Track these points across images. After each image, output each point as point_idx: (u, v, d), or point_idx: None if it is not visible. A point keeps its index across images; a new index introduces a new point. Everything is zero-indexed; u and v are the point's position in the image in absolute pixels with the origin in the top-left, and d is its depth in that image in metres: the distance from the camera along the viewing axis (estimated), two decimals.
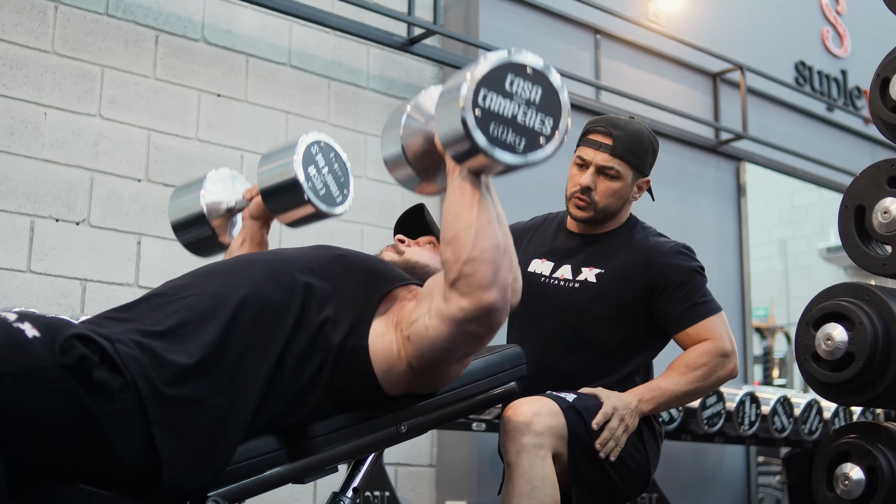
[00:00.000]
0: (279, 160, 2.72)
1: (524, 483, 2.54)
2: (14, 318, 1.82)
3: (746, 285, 6.74)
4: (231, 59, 4.86)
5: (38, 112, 4.26)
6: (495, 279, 2.04)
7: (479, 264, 2.03)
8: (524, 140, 1.99)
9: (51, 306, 4.13)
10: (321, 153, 2.74)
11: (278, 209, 2.75)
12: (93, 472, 1.90)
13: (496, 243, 2.06)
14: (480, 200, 2.07)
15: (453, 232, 2.06)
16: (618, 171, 3.03)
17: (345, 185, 2.81)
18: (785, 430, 5.29)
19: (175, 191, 3.07)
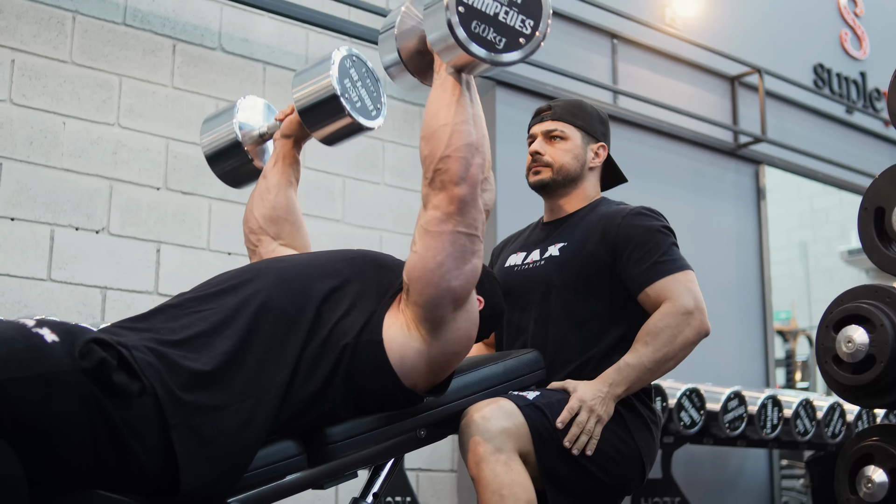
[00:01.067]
0: (316, 76, 2.72)
1: (491, 495, 2.41)
2: (33, 323, 1.83)
3: (767, 289, 6.71)
4: (248, 67, 4.87)
5: (58, 122, 4.29)
6: (465, 175, 2.17)
7: (452, 161, 2.16)
8: (504, 39, 2.09)
9: (71, 314, 4.14)
10: (354, 67, 2.75)
11: (315, 124, 2.75)
12: (111, 478, 1.90)
13: (469, 142, 2.17)
14: (459, 99, 2.17)
15: (431, 130, 2.19)
16: (562, 131, 3.03)
17: (378, 99, 2.82)
18: (808, 434, 5.26)
19: (205, 121, 3.06)
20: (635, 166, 6.10)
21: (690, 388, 4.83)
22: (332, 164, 5.06)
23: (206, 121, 3.07)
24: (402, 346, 2.23)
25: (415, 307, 2.23)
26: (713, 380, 5.41)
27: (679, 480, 5.18)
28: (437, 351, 2.28)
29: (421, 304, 2.22)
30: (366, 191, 5.18)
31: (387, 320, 2.25)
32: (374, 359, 2.21)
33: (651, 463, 2.79)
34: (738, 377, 6.04)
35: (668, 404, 4.74)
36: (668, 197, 6.30)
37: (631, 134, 6.16)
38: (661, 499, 5.01)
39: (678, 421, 4.76)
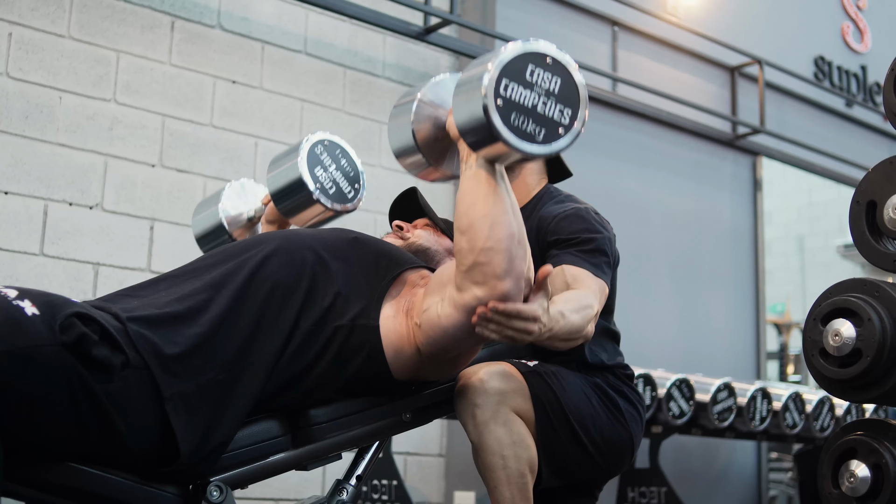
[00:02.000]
0: (284, 164, 2.76)
1: (492, 456, 2.41)
2: (14, 294, 1.83)
3: (761, 281, 6.71)
4: (247, 45, 4.86)
5: (54, 96, 4.27)
6: (510, 268, 2.06)
7: (495, 254, 2.05)
8: (544, 130, 2.01)
9: (63, 290, 4.13)
10: (326, 151, 2.76)
11: (290, 211, 2.79)
12: (95, 452, 1.91)
13: (511, 233, 2.07)
14: (496, 189, 2.08)
15: (469, 221, 2.08)
16: None
17: (355, 180, 2.82)
18: (796, 427, 5.27)
19: (196, 206, 3.15)
20: (633, 154, 6.11)
21: (680, 378, 4.84)
22: None
23: (197, 205, 3.17)
24: (397, 345, 2.23)
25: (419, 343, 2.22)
26: (704, 370, 5.42)
27: (667, 470, 5.19)
28: (432, 370, 2.30)
29: (425, 351, 2.22)
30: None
31: (385, 310, 2.24)
32: (368, 345, 2.21)
33: (638, 447, 2.81)
34: (729, 369, 6.05)
35: (658, 394, 4.74)
36: (666, 186, 6.30)
37: (629, 122, 6.15)
38: (648, 488, 5.02)
39: (667, 411, 4.77)
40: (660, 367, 5.04)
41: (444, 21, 5.21)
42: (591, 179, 5.69)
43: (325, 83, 5.11)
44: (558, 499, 2.76)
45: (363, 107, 5.22)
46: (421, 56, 5.48)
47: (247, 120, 4.81)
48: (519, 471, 2.41)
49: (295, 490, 4.66)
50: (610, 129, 6.02)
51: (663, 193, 6.29)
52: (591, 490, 2.83)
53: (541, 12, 5.77)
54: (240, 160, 4.76)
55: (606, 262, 2.68)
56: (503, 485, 2.40)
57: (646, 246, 6.09)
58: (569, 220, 2.75)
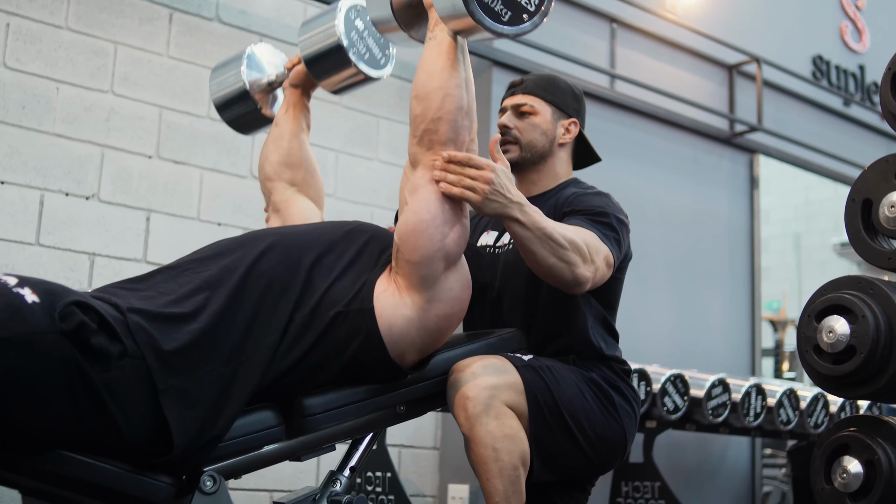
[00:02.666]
0: (320, 26, 2.75)
1: (484, 449, 2.39)
2: (14, 282, 1.83)
3: (757, 278, 6.72)
4: (245, 38, 4.85)
5: (51, 87, 4.27)
6: (455, 137, 2.29)
7: (443, 123, 2.27)
8: (510, 13, 2.15)
9: (58, 280, 4.09)
10: (360, 17, 2.77)
11: (323, 75, 2.81)
12: (91, 441, 1.91)
13: (460, 105, 2.27)
14: (454, 62, 2.26)
15: (424, 90, 2.27)
16: (531, 105, 2.96)
17: (385, 46, 2.85)
18: (790, 423, 5.28)
19: (214, 68, 3.12)
20: (630, 151, 6.11)
21: (675, 373, 4.85)
22: (326, 138, 5.05)
23: (214, 69, 3.12)
24: (392, 313, 2.24)
25: (406, 266, 2.25)
26: (699, 366, 5.42)
27: (661, 465, 5.19)
28: (429, 316, 2.29)
29: (414, 261, 2.24)
30: (359, 166, 5.18)
31: (378, 287, 2.28)
32: (363, 327, 2.22)
33: (631, 443, 2.81)
34: (724, 365, 6.06)
35: (652, 389, 4.75)
36: (663, 183, 6.30)
37: (627, 119, 6.15)
38: (642, 483, 5.03)
39: (661, 406, 4.77)
40: (655, 363, 5.05)
41: None
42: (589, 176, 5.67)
43: None
44: (551, 492, 2.76)
45: (361, 100, 5.21)
46: (419, 51, 5.46)
47: None
48: (511, 463, 2.41)
49: (289, 481, 4.66)
50: (608, 125, 6.02)
51: (660, 190, 6.29)
52: (583, 484, 2.83)
53: None
54: (237, 152, 4.76)
55: (616, 239, 2.70)
56: (495, 477, 2.40)
57: (642, 242, 6.07)
58: (588, 197, 2.82)
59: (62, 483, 1.93)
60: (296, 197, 2.90)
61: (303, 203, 2.92)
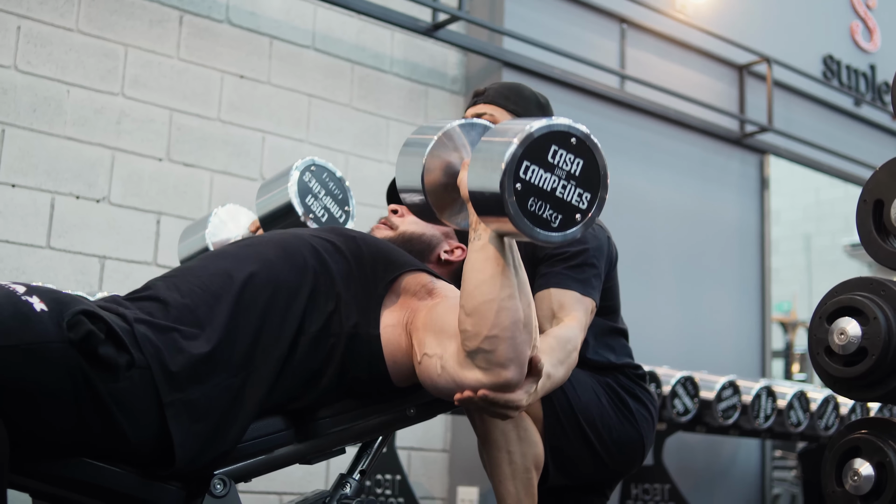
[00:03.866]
0: (274, 190, 2.76)
1: (498, 452, 2.40)
2: (23, 290, 1.83)
3: (767, 279, 6.70)
4: (255, 40, 4.86)
5: (62, 90, 4.28)
6: (514, 356, 1.98)
7: (500, 342, 1.96)
8: (560, 217, 1.90)
9: (69, 283, 4.15)
10: (314, 178, 2.77)
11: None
12: (97, 449, 1.91)
13: (516, 319, 1.98)
14: (504, 269, 1.98)
15: (474, 305, 1.98)
16: (491, 115, 2.81)
17: (345, 202, 2.84)
18: (801, 425, 5.26)
19: (183, 232, 3.16)
20: (640, 152, 6.11)
21: (685, 375, 4.83)
22: (336, 140, 5.06)
23: (184, 229, 3.19)
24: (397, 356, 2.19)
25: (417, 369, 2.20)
26: (709, 368, 5.41)
27: (670, 467, 5.19)
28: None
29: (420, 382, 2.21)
30: (369, 168, 5.18)
31: (384, 318, 2.21)
32: (368, 353, 2.19)
33: (650, 447, 2.80)
34: (733, 366, 6.04)
35: (662, 391, 4.74)
36: (672, 184, 6.30)
37: (637, 119, 6.14)
38: (652, 485, 5.02)
39: (671, 408, 4.76)
40: (664, 364, 5.04)
41: (453, 17, 5.21)
42: None
43: (333, 79, 5.11)
44: (568, 497, 2.76)
45: (371, 102, 5.22)
46: (429, 52, 5.48)
47: (254, 115, 4.82)
48: (524, 466, 2.41)
49: (299, 484, 4.66)
50: (617, 126, 6.02)
51: (670, 191, 6.28)
52: (602, 490, 2.82)
53: (549, 9, 5.77)
54: (247, 155, 4.76)
55: (596, 274, 2.64)
56: (508, 480, 2.41)
57: (651, 243, 6.09)
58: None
59: (71, 486, 1.93)
60: None
61: None
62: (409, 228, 2.58)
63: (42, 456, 1.86)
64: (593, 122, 5.90)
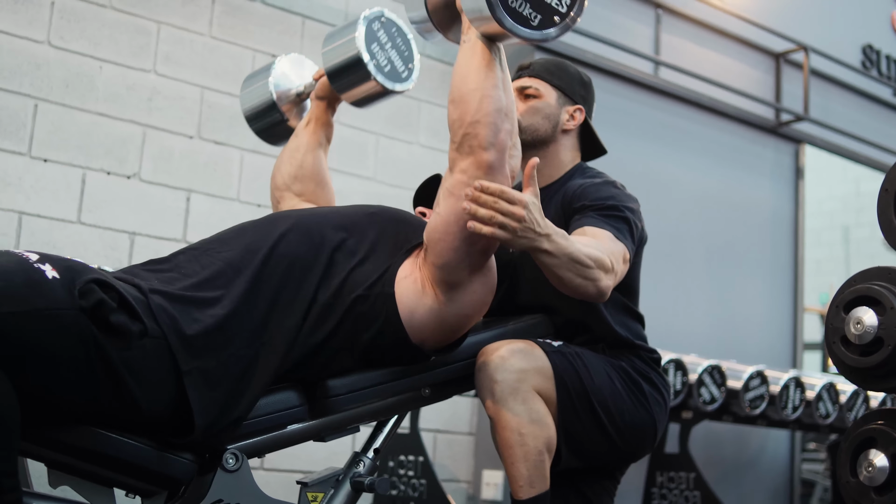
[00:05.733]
0: (341, 38, 2.76)
1: (510, 433, 2.40)
2: (35, 258, 1.85)
3: (800, 269, 6.64)
4: (287, 20, 4.87)
5: (94, 66, 4.31)
6: (494, 140, 2.17)
7: (481, 126, 2.16)
8: (539, 16, 2.08)
9: (98, 258, 4.18)
10: (383, 29, 2.77)
11: (344, 88, 2.81)
12: (111, 418, 1.93)
13: (499, 107, 2.17)
14: (489, 63, 2.16)
15: (460, 94, 2.18)
16: (536, 88, 2.87)
17: (409, 59, 2.84)
18: (829, 417, 5.22)
19: (245, 79, 3.13)
20: (674, 139, 6.07)
21: (712, 364, 4.81)
22: (367, 121, 5.05)
23: (245, 80, 3.14)
24: (413, 301, 2.24)
25: (432, 268, 2.24)
26: (738, 357, 5.38)
27: (698, 456, 5.16)
28: (450, 312, 2.29)
29: (439, 266, 2.23)
30: (399, 150, 5.18)
31: (400, 273, 2.27)
32: (383, 311, 2.22)
33: (661, 432, 2.79)
34: (764, 356, 6.00)
35: (689, 379, 4.71)
36: (706, 171, 6.25)
37: (671, 106, 6.10)
38: (677, 473, 5.00)
39: (697, 396, 4.74)
40: (693, 352, 5.01)
41: None
42: (630, 162, 5.66)
43: None
44: (578, 479, 2.75)
45: None
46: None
47: None
48: (536, 448, 2.41)
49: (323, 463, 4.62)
50: (651, 112, 5.98)
51: (703, 178, 6.24)
52: (612, 472, 2.82)
53: None
54: None
55: (630, 231, 2.63)
56: (519, 461, 2.40)
57: (683, 231, 6.05)
58: (595, 188, 2.73)
59: (86, 457, 1.95)
60: (304, 206, 2.89)
61: None
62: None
63: (54, 424, 1.88)
64: (626, 108, 5.90)
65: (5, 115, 4.08)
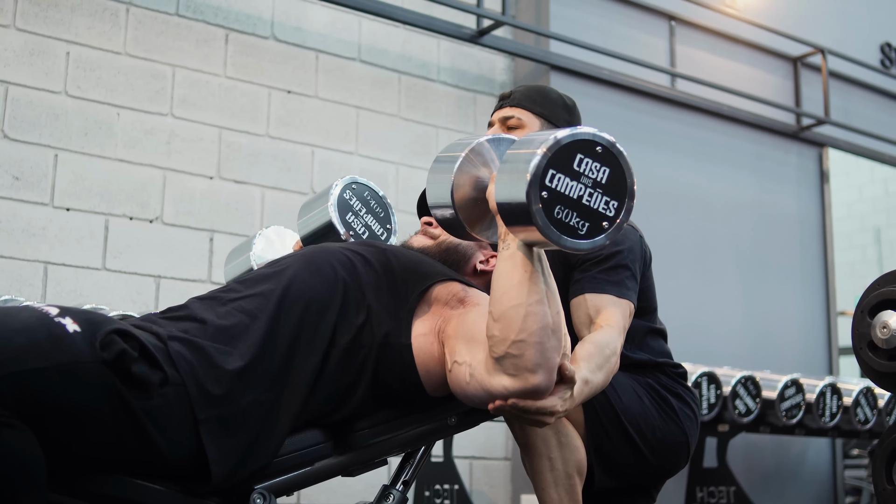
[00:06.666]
0: (315, 209, 2.77)
1: (540, 459, 2.38)
2: (56, 312, 1.86)
3: (831, 273, 6.58)
4: (301, 55, 4.90)
5: (112, 113, 4.35)
6: (542, 362, 1.97)
7: (527, 347, 1.96)
8: (587, 224, 1.90)
9: (125, 303, 4.20)
10: (355, 196, 2.77)
11: None
12: (136, 466, 1.93)
13: (545, 324, 1.97)
14: (532, 275, 1.98)
15: (501, 310, 1.98)
16: (518, 118, 2.78)
17: (386, 220, 2.83)
18: (868, 422, 5.15)
19: (228, 255, 3.20)
20: (695, 150, 6.04)
21: (745, 375, 4.76)
22: (386, 151, 5.07)
23: (228, 255, 3.21)
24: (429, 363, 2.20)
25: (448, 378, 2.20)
26: (774, 366, 5.33)
27: (738, 468, 5.11)
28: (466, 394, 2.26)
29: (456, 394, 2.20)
30: (419, 178, 5.18)
31: (416, 328, 2.22)
32: (401, 363, 2.19)
33: (694, 446, 2.76)
34: (799, 364, 5.94)
35: (723, 392, 4.67)
36: (729, 180, 6.22)
37: (689, 118, 6.07)
38: (717, 487, 4.95)
39: (732, 409, 4.69)
40: (726, 364, 4.97)
41: (498, 23, 5.20)
42: (654, 176, 5.64)
43: (380, 89, 5.12)
44: (614, 500, 2.72)
45: (419, 112, 5.23)
46: (475, 59, 5.48)
47: (303, 129, 4.85)
48: (566, 472, 2.39)
49: (361, 495, 4.67)
50: (670, 124, 5.96)
51: (727, 187, 6.20)
52: (648, 491, 2.79)
53: (596, 10, 5.73)
54: (297, 169, 4.79)
55: (630, 276, 2.60)
56: (551, 487, 2.38)
57: (710, 241, 6.01)
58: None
59: None
60: None
61: None
62: (448, 238, 2.56)
63: (81, 474, 1.88)
64: (645, 122, 5.88)
65: (27, 166, 4.12)
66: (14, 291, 3.99)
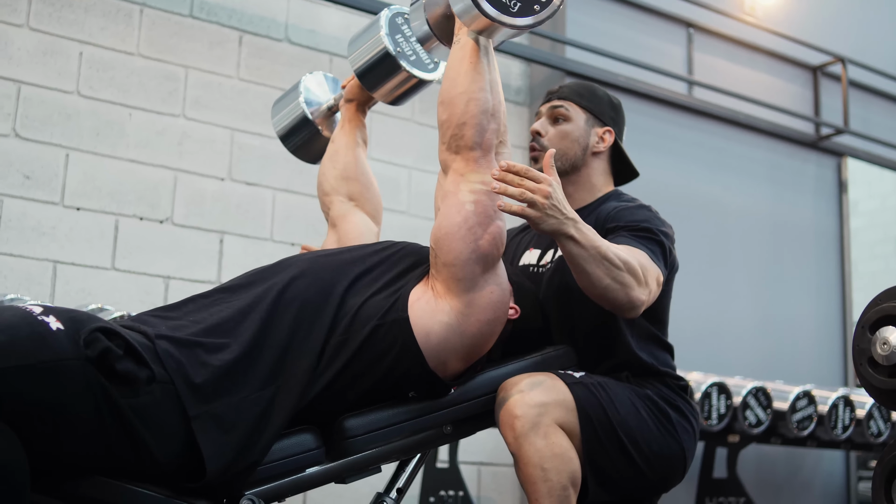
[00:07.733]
0: (366, 36, 2.80)
1: (533, 469, 2.34)
2: (39, 310, 1.86)
3: (847, 284, 6.53)
4: (314, 58, 4.89)
5: (124, 113, 4.35)
6: (480, 140, 2.28)
7: (468, 128, 2.27)
8: (519, 3, 2.16)
9: (134, 303, 4.20)
10: (406, 23, 2.78)
11: (373, 83, 2.85)
12: (125, 467, 1.92)
13: (484, 108, 2.28)
14: (477, 65, 2.28)
15: (449, 96, 2.30)
16: (566, 110, 2.87)
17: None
18: (882, 435, 5.10)
19: (275, 102, 3.19)
20: (712, 158, 6.01)
21: (756, 385, 4.71)
22: (398, 155, 5.06)
23: (275, 103, 3.17)
24: (428, 320, 2.22)
25: (443, 269, 2.24)
26: (787, 376, 5.28)
27: (749, 479, 5.08)
28: (469, 321, 2.26)
29: (449, 263, 2.23)
30: (432, 182, 5.10)
31: (412, 296, 2.27)
32: (399, 338, 2.21)
33: (691, 460, 2.73)
34: (813, 375, 5.89)
35: (733, 402, 4.62)
36: (746, 189, 6.18)
37: (707, 126, 6.03)
38: (727, 498, 4.91)
39: (743, 420, 4.65)
40: (737, 374, 4.93)
41: None
42: (670, 184, 5.61)
43: None
44: None
45: (433, 116, 5.20)
46: None
47: None
48: (560, 483, 2.36)
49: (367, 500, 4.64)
50: (687, 133, 5.92)
51: (744, 197, 6.16)
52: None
53: (612, 16, 5.71)
54: (309, 172, 4.73)
55: (663, 254, 2.60)
56: (544, 497, 2.35)
57: (725, 250, 5.97)
58: (629, 211, 2.71)
59: None
60: (353, 212, 2.90)
61: (359, 217, 2.91)
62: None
63: (66, 476, 1.88)
64: (662, 130, 5.84)
65: (38, 165, 4.13)
66: (23, 290, 4.00)
